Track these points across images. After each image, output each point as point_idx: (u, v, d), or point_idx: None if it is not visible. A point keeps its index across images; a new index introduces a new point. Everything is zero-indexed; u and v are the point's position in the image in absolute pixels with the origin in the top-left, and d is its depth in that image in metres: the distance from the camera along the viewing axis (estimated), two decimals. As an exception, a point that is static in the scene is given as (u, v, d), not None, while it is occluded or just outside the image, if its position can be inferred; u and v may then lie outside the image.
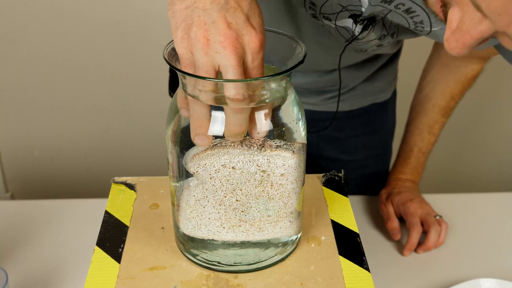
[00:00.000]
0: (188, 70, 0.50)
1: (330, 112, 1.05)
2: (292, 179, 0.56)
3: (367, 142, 1.10)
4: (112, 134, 1.90)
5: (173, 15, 0.49)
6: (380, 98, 1.08)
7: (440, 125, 1.05)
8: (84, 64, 1.78)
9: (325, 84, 1.01)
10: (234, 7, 0.48)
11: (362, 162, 1.11)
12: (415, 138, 1.05)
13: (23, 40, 1.74)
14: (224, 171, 0.54)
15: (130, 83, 1.82)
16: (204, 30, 0.47)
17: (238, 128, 0.50)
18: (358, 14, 0.76)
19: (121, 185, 0.73)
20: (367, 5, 0.73)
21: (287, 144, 0.54)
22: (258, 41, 0.48)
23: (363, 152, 1.11)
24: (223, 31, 0.46)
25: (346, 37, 0.82)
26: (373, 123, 1.10)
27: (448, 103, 1.03)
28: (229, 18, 0.47)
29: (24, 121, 1.87)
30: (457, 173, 2.03)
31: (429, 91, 1.04)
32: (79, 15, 1.71)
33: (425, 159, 1.07)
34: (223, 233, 0.58)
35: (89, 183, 1.93)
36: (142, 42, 1.75)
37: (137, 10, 1.71)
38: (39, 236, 0.97)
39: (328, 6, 0.76)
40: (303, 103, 1.02)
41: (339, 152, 1.09)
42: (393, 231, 0.97)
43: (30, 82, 1.80)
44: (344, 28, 0.80)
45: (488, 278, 0.88)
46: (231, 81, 0.48)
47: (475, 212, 1.06)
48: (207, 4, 0.48)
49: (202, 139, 0.51)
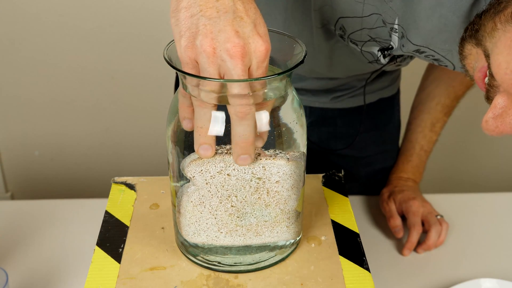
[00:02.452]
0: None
1: (341, 109, 1.06)
2: (288, 186, 0.56)
3: (376, 137, 1.11)
4: (112, 134, 1.90)
5: (177, 23, 0.48)
6: (387, 93, 1.09)
7: (441, 123, 1.05)
8: (84, 64, 1.78)
9: (336, 85, 1.03)
10: (241, 17, 0.48)
11: (372, 158, 1.12)
12: (417, 136, 1.06)
13: (23, 40, 1.74)
14: (220, 177, 0.54)
15: (130, 83, 1.82)
16: (210, 39, 0.46)
17: (245, 140, 0.50)
18: (387, 48, 0.77)
19: (121, 185, 0.73)
20: (397, 43, 0.74)
21: (282, 153, 0.55)
22: (265, 50, 0.48)
23: (373, 148, 1.11)
24: (231, 39, 0.46)
25: (369, 59, 0.83)
26: (382, 118, 1.10)
27: (452, 102, 1.04)
28: (236, 26, 0.47)
29: (24, 121, 1.87)
30: (457, 173, 2.03)
31: (432, 90, 1.05)
32: (79, 15, 1.71)
33: (426, 157, 1.08)
34: (221, 238, 0.58)
35: (89, 183, 1.93)
36: (142, 42, 1.75)
37: (137, 10, 1.71)
38: (39, 236, 0.97)
39: (358, 35, 0.76)
40: (314, 101, 1.05)
41: (349, 148, 1.10)
42: (395, 229, 0.98)
43: (30, 82, 1.80)
44: (369, 53, 0.81)
45: (488, 278, 0.88)
46: (232, 81, 0.48)
47: (475, 212, 1.06)
48: (214, 13, 0.47)
49: (207, 149, 0.51)
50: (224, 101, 0.50)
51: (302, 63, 0.52)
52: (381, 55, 0.80)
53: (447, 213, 1.04)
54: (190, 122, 0.53)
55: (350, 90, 1.03)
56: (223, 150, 0.53)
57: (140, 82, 1.82)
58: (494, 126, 0.49)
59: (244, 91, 0.48)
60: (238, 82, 0.48)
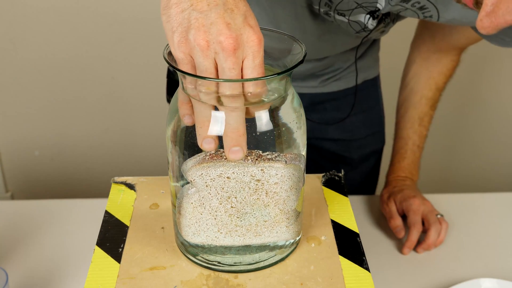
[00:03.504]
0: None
1: (330, 93, 1.08)
2: (286, 187, 0.56)
3: (365, 120, 1.14)
4: (112, 134, 1.90)
5: (168, 19, 0.48)
6: (370, 75, 1.12)
7: (428, 117, 1.08)
8: (84, 64, 1.78)
9: (324, 68, 1.06)
10: (231, 9, 0.48)
11: (363, 140, 1.14)
12: (408, 132, 1.08)
13: (23, 40, 1.74)
14: (219, 180, 0.54)
15: (130, 83, 1.82)
16: (203, 32, 0.47)
17: (235, 131, 0.50)
18: (375, 10, 0.80)
19: (121, 185, 0.73)
20: (383, 2, 0.78)
21: (280, 156, 0.55)
22: (257, 39, 0.48)
23: (363, 130, 1.14)
24: (223, 31, 0.46)
25: (356, 29, 0.86)
26: (368, 100, 1.13)
27: (434, 94, 1.07)
28: (227, 19, 0.47)
29: (24, 121, 1.87)
30: (457, 173, 2.03)
31: (414, 85, 1.08)
32: (79, 15, 1.71)
33: (420, 154, 1.09)
34: (220, 238, 0.58)
35: (89, 183, 1.94)
36: (142, 42, 1.75)
37: (137, 10, 1.71)
38: (39, 236, 0.97)
39: (345, 4, 0.79)
40: (303, 87, 1.07)
41: (340, 132, 1.12)
42: (396, 229, 0.98)
43: (30, 82, 1.80)
44: (356, 22, 0.84)
45: (488, 278, 0.88)
46: (231, 81, 0.48)
47: (475, 212, 1.06)
48: (204, 6, 0.47)
49: (210, 142, 0.51)
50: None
51: (302, 63, 0.52)
52: (369, 19, 0.82)
53: (447, 213, 1.04)
54: (191, 118, 0.53)
55: (337, 72, 1.06)
56: (223, 154, 0.53)
57: (140, 82, 1.82)
58: (489, 22, 0.50)
59: (234, 87, 0.48)
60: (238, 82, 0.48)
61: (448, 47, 1.02)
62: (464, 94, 1.85)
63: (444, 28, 0.99)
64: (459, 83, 1.82)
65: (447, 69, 1.05)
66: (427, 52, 1.05)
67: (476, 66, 1.80)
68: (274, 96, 0.53)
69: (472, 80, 1.83)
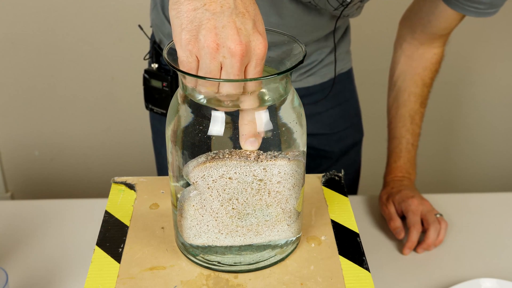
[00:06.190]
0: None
1: (307, 88, 1.07)
2: (289, 185, 0.56)
3: (343, 112, 1.14)
4: (112, 134, 1.90)
5: (178, 15, 0.48)
6: (344, 68, 1.12)
7: (420, 115, 1.08)
8: (84, 64, 1.78)
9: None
10: (243, 13, 0.48)
11: (343, 133, 1.15)
12: (401, 131, 1.08)
13: (23, 40, 1.74)
14: (221, 181, 0.54)
15: (130, 83, 1.82)
16: (214, 35, 0.46)
17: (251, 123, 0.51)
18: None
19: (121, 185, 0.73)
20: None
21: (282, 154, 0.55)
22: (264, 48, 0.48)
23: (341, 123, 1.14)
24: (233, 36, 0.46)
25: (334, 6, 0.87)
26: (344, 92, 1.14)
27: (422, 90, 1.07)
28: (238, 23, 0.47)
29: (24, 121, 1.87)
30: (457, 174, 2.03)
31: (401, 84, 1.08)
32: (79, 15, 1.71)
33: (415, 152, 1.09)
34: (221, 239, 0.58)
35: (89, 183, 1.94)
36: (142, 42, 1.75)
37: (137, 10, 1.71)
38: (39, 236, 0.97)
39: None
40: None
41: (320, 126, 1.12)
42: (396, 230, 0.98)
43: (30, 82, 1.80)
44: None
45: (488, 278, 0.88)
46: (231, 81, 0.48)
47: (475, 212, 1.06)
48: (217, 8, 0.47)
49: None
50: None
51: (302, 63, 0.52)
52: None
53: (446, 213, 1.04)
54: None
55: (313, 65, 1.06)
56: (224, 154, 0.53)
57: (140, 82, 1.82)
58: None
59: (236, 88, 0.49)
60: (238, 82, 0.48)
61: (429, 39, 1.04)
62: (464, 94, 1.85)
63: (423, 19, 1.00)
64: (458, 83, 1.82)
65: (431, 64, 1.06)
66: (409, 49, 1.06)
67: (475, 66, 1.80)
68: (275, 96, 0.54)
69: (471, 80, 1.83)
